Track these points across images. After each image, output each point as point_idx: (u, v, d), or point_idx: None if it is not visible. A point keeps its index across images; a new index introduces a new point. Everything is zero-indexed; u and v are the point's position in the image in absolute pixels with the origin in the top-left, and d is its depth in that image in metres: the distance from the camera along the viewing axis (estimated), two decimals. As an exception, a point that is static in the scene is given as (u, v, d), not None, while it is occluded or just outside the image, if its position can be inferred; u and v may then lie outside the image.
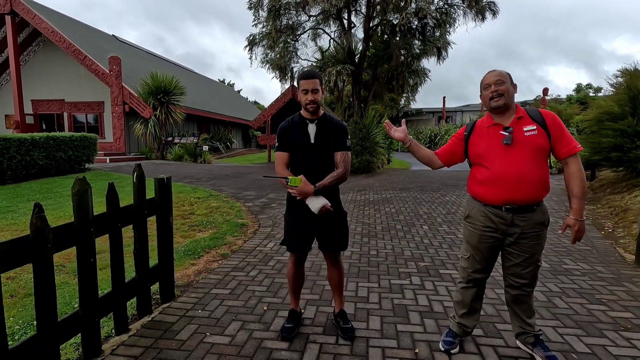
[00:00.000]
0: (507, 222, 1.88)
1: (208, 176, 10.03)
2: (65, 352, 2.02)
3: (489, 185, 1.90)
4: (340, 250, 2.25)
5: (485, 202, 1.94)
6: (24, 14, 15.13)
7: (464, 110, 36.42)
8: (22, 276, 3.13)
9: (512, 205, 1.85)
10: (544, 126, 1.84)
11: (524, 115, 1.89)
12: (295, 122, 2.14)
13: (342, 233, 2.21)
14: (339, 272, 2.30)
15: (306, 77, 2.05)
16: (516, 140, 1.83)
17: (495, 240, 1.94)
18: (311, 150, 2.09)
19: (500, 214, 1.88)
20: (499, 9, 12.71)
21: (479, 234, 1.97)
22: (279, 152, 2.15)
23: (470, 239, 2.02)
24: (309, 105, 2.06)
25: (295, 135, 2.11)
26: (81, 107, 17.43)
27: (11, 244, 1.57)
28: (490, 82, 1.89)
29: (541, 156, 1.83)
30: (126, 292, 2.28)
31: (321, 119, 2.13)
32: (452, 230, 4.76)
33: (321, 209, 2.00)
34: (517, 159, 1.82)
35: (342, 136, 2.13)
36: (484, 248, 1.98)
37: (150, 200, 2.50)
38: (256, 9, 13.25)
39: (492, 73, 1.92)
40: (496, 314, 2.50)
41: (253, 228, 4.89)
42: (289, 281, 2.33)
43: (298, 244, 2.20)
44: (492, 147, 1.89)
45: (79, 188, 1.87)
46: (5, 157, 8.36)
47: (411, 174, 11.74)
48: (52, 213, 5.32)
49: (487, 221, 1.93)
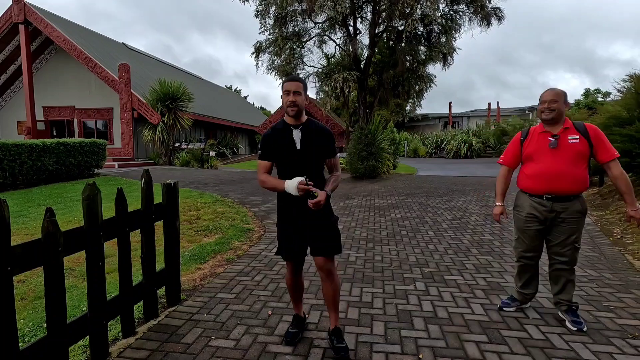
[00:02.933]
0: (548, 209, 2.37)
1: (214, 181, 10.11)
2: (73, 355, 2.05)
3: (534, 178, 2.40)
4: (331, 254, 2.12)
5: (531, 193, 2.44)
6: (37, 23, 15.52)
7: (471, 116, 36.29)
8: (32, 279, 3.19)
9: (552, 194, 2.34)
10: (586, 136, 2.29)
11: (570, 126, 2.34)
12: (279, 129, 2.14)
13: (332, 234, 2.13)
14: (333, 285, 2.15)
15: (289, 80, 2.06)
16: (560, 145, 2.31)
17: (537, 224, 2.42)
18: (297, 156, 2.09)
19: (542, 202, 2.38)
20: (504, 15, 12.71)
21: (523, 218, 2.48)
22: (260, 160, 2.16)
23: (518, 224, 2.55)
24: (290, 107, 2.05)
25: (280, 142, 2.10)
26: (91, 114, 17.74)
27: (23, 247, 1.62)
28: (546, 100, 2.35)
29: (580, 159, 2.30)
30: (133, 295, 2.32)
31: (305, 124, 2.12)
32: (458, 236, 4.74)
33: (299, 188, 1.93)
34: (559, 160, 2.31)
35: (329, 143, 2.16)
36: (528, 231, 2.47)
37: (157, 205, 2.54)
38: (263, 16, 13.40)
39: (549, 92, 2.36)
40: (501, 321, 2.49)
41: (259, 233, 4.92)
42: (288, 290, 2.34)
43: (292, 251, 2.17)
44: (541, 149, 2.38)
45: (89, 193, 1.92)
46: (17, 162, 8.53)
47: (417, 179, 11.71)
48: (62, 217, 5.41)
49: (531, 209, 2.43)
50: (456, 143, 21.71)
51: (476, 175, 12.67)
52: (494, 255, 3.93)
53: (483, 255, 3.95)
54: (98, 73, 15.66)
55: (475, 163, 17.41)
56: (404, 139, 24.37)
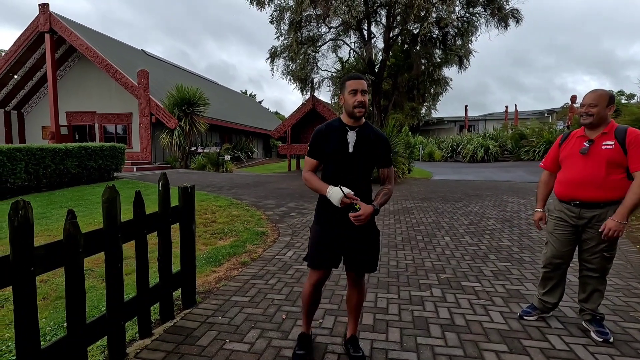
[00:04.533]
0: (576, 215, 2.31)
1: (229, 185, 10.22)
2: (92, 354, 2.09)
3: (562, 184, 2.37)
4: (366, 272, 2.04)
5: (560, 199, 2.42)
6: (62, 32, 16.12)
7: (487, 119, 35.67)
8: (54, 279, 3.28)
9: (579, 201, 2.28)
10: (622, 143, 2.15)
11: (609, 131, 2.22)
12: (335, 127, 1.97)
13: (372, 252, 2.01)
14: (359, 295, 2.08)
15: (355, 78, 1.91)
16: (592, 151, 2.23)
17: (567, 229, 2.37)
18: (348, 160, 1.92)
19: (570, 208, 2.34)
20: (522, 17, 12.49)
21: (553, 222, 2.46)
22: (308, 157, 2.02)
23: (548, 227, 2.52)
24: (357, 108, 1.87)
25: (333, 142, 1.94)
26: (111, 119, 18.26)
27: (46, 248, 1.66)
28: (585, 103, 2.25)
29: (613, 167, 2.17)
30: (150, 297, 2.35)
31: (363, 127, 1.96)
32: (475, 241, 4.64)
33: (342, 200, 1.79)
34: (588, 166, 2.22)
35: (386, 151, 1.99)
36: (558, 235, 2.42)
37: (174, 208, 2.58)
38: (278, 22, 13.58)
39: (590, 95, 2.24)
40: (522, 330, 2.41)
41: (273, 237, 4.94)
42: (303, 302, 2.12)
43: (323, 260, 1.99)
44: (573, 154, 2.32)
45: (108, 196, 1.96)
46: (42, 165, 8.85)
47: (432, 183, 11.55)
48: (82, 219, 5.56)
49: (560, 214, 2.41)
50: (472, 147, 21.31)
51: (493, 179, 12.40)
52: (513, 262, 3.82)
53: (501, 261, 3.85)
54: (118, 79, 16.12)
55: (492, 167, 17.05)
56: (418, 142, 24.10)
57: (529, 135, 19.98)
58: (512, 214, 6.36)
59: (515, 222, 5.71)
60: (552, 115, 30.92)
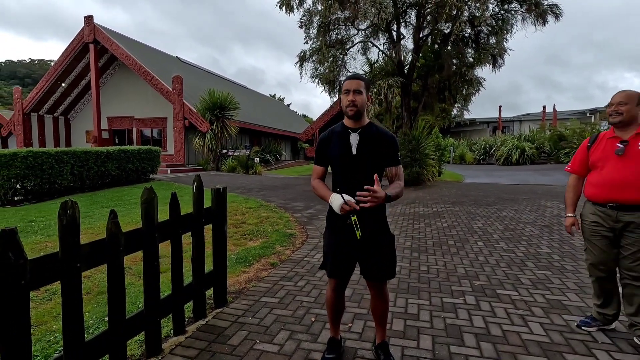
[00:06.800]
0: (613, 218, 2.21)
1: (259, 187, 10.40)
2: (130, 349, 2.18)
3: (598, 186, 2.26)
4: (384, 280, 2.00)
5: (594, 202, 2.32)
6: (104, 42, 17.14)
7: (523, 120, 34.14)
8: (96, 275, 3.46)
9: (616, 203, 2.18)
10: None
11: None
12: (337, 131, 1.98)
13: (387, 259, 1.96)
14: (383, 304, 2.05)
15: (349, 78, 1.90)
16: (628, 152, 2.15)
17: (605, 233, 2.26)
18: (353, 162, 1.90)
19: (606, 211, 2.24)
20: (562, 12, 11.86)
21: (588, 228, 2.36)
22: (315, 165, 2.06)
23: (584, 233, 2.41)
24: (349, 107, 1.87)
25: (336, 146, 1.94)
26: (147, 123, 19.14)
27: (91, 245, 1.76)
28: (614, 102, 2.20)
29: None
30: (184, 295, 2.42)
31: (365, 128, 1.93)
32: (511, 248, 4.44)
33: (342, 207, 1.75)
34: (626, 167, 2.14)
35: (392, 149, 1.94)
36: (595, 241, 2.32)
37: (207, 209, 2.65)
38: (307, 26, 13.69)
39: (619, 94, 2.20)
40: (564, 343, 2.27)
41: (301, 239, 4.96)
42: (327, 309, 2.11)
43: (338, 268, 1.98)
44: (607, 156, 2.24)
45: (147, 197, 2.05)
46: (85, 168, 9.43)
47: (464, 186, 11.18)
48: (121, 219, 5.81)
49: (596, 217, 2.30)
50: (507, 149, 20.44)
51: (529, 182, 11.84)
52: (553, 270, 3.61)
53: (540, 269, 3.65)
54: (154, 85, 16.89)
55: (528, 170, 16.28)
56: (449, 144, 23.46)
57: (569, 137, 18.92)
58: (552, 220, 6.03)
59: (555, 228, 5.41)
60: (594, 114, 29.09)
